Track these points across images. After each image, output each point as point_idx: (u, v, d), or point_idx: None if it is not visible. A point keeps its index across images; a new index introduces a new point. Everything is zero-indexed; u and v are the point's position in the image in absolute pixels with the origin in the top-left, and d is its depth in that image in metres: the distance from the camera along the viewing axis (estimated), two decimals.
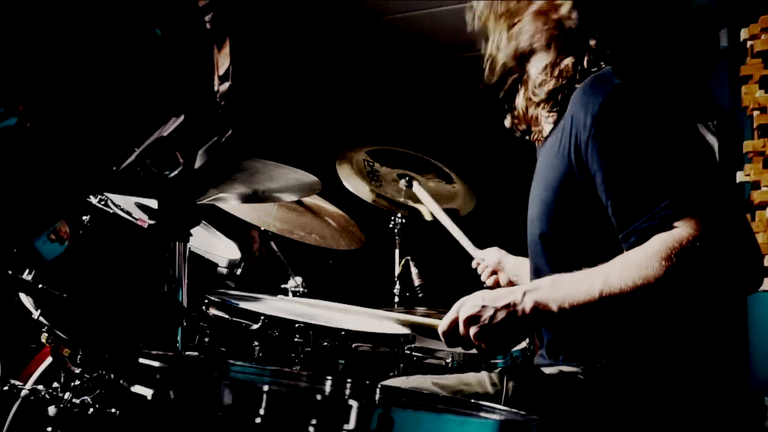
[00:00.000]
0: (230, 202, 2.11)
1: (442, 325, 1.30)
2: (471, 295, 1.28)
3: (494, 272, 1.95)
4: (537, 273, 1.42)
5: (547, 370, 1.34)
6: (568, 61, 1.36)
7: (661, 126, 1.21)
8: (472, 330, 1.24)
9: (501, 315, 1.22)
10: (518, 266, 1.88)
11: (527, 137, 1.55)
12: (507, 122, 1.56)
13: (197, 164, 1.35)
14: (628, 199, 1.19)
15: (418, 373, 1.63)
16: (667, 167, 1.17)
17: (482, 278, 1.98)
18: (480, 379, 1.35)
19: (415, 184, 2.51)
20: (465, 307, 1.26)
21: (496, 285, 1.95)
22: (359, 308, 1.59)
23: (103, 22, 1.22)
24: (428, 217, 2.53)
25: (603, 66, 1.32)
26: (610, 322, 1.29)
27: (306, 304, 2.07)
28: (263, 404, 0.77)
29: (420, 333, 1.80)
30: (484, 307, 1.23)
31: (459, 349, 1.33)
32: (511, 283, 1.90)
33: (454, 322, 1.28)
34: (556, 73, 1.37)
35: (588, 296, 1.16)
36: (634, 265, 1.13)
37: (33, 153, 1.24)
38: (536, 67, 1.43)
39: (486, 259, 1.96)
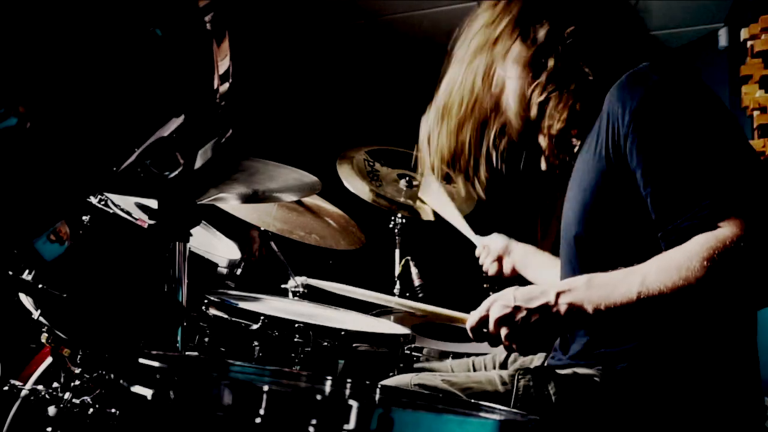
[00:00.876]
0: (230, 202, 2.11)
1: (470, 320, 1.29)
2: (501, 292, 1.25)
3: (498, 258, 1.90)
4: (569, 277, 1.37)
5: (561, 372, 1.30)
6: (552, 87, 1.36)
7: (703, 122, 1.16)
8: (503, 330, 1.22)
9: (534, 317, 1.19)
10: (526, 254, 1.83)
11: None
12: (543, 166, 1.51)
13: (197, 164, 1.35)
14: (668, 197, 1.14)
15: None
16: (709, 165, 1.12)
17: (484, 266, 1.93)
18: (490, 378, 1.32)
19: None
20: (496, 306, 1.24)
21: (498, 273, 1.90)
22: (381, 295, 1.58)
23: (103, 22, 1.22)
24: (427, 217, 2.51)
25: (585, 69, 1.32)
26: (634, 323, 1.25)
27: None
28: (263, 404, 0.77)
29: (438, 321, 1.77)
30: (517, 308, 1.21)
31: (485, 345, 1.32)
32: (514, 271, 1.86)
33: (484, 319, 1.26)
34: (560, 107, 1.35)
35: (625, 298, 1.11)
36: (674, 266, 1.08)
37: (33, 153, 1.24)
38: (535, 105, 1.41)
39: (490, 244, 1.91)
